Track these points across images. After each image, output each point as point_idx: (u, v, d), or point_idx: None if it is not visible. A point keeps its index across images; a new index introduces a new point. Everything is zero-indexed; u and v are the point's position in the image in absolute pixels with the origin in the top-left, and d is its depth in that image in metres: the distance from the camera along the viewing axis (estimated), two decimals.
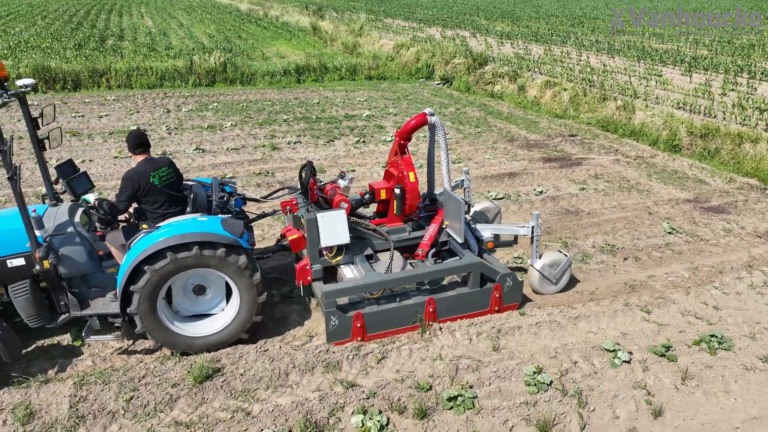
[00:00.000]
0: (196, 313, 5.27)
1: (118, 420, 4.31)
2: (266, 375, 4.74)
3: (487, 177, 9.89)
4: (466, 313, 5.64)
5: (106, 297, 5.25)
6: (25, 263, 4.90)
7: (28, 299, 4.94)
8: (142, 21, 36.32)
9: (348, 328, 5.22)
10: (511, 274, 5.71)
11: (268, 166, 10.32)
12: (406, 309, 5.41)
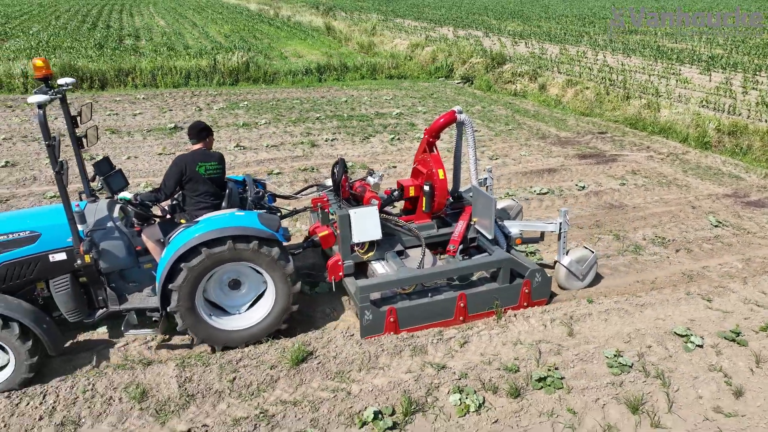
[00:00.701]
0: (231, 307, 5.33)
1: (225, 399, 4.53)
2: (357, 358, 4.96)
3: (527, 173, 10.12)
4: (492, 309, 5.70)
5: (143, 292, 5.36)
6: (67, 258, 5.00)
7: (69, 294, 5.03)
8: (155, 21, 36.51)
9: (381, 322, 5.30)
10: (540, 270, 5.79)
11: (311, 163, 10.54)
12: (438, 304, 5.51)
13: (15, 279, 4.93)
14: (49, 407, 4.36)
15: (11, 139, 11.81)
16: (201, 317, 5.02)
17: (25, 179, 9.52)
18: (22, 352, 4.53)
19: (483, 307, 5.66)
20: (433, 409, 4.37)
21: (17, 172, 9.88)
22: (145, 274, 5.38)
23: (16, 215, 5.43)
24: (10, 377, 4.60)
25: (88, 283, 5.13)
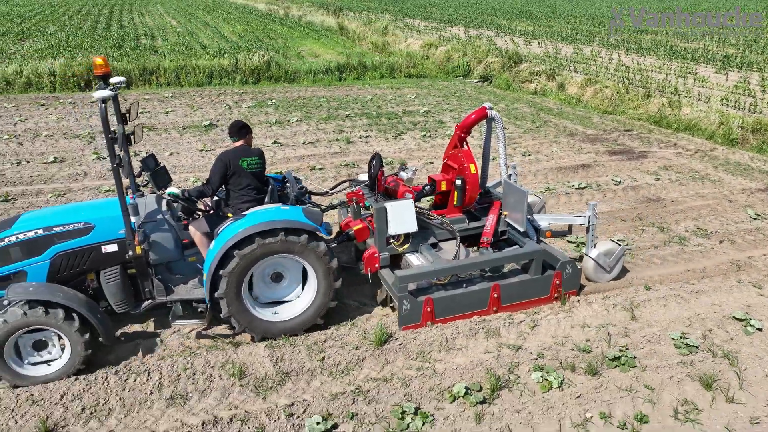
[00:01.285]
0: (273, 299, 5.48)
1: (318, 376, 4.79)
2: (435, 340, 5.22)
3: (562, 168, 10.38)
4: (527, 299, 5.84)
5: (188, 284, 5.50)
6: (118, 249, 5.16)
7: (118, 285, 5.18)
8: (166, 21, 36.76)
9: (418, 312, 5.43)
10: (570, 262, 5.91)
11: (350, 159, 10.80)
12: (472, 294, 5.63)
13: (69, 269, 5.09)
14: (156, 383, 4.63)
15: (53, 136, 12.07)
16: (245, 306, 5.17)
17: (76, 174, 9.78)
18: (78, 341, 4.67)
19: (516, 298, 5.79)
20: (517, 386, 4.63)
21: (67, 167, 10.14)
22: (190, 267, 5.55)
23: (70, 208, 5.64)
24: (67, 364, 4.74)
25: (136, 274, 5.28)
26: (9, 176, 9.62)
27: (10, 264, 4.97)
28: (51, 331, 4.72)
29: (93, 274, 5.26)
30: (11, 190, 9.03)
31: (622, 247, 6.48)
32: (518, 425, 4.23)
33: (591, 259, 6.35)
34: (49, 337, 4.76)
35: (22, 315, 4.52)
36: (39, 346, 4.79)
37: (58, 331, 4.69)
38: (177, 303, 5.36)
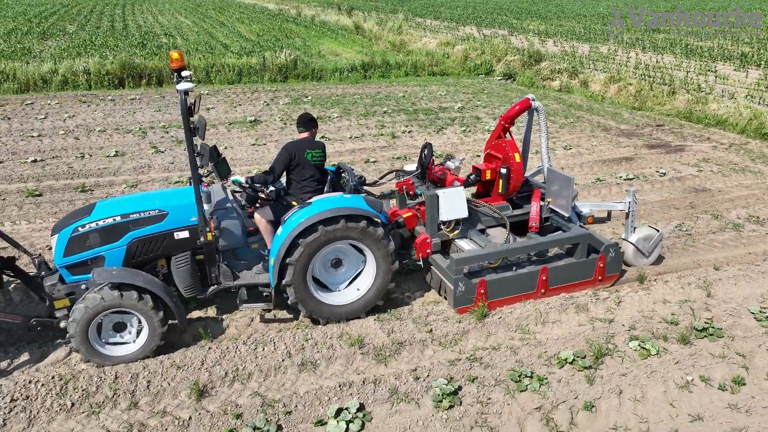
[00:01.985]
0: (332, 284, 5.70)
1: (429, 346, 5.18)
2: (531, 315, 5.61)
3: (606, 161, 10.78)
4: (573, 282, 6.09)
5: (252, 270, 5.68)
6: (189, 236, 5.33)
7: (188, 270, 5.37)
8: (180, 20, 37.07)
9: (472, 294, 5.65)
10: (614, 245, 6.12)
11: (398, 152, 11.18)
12: (522, 277, 5.88)
13: (143, 255, 5.28)
14: (284, 352, 5.01)
15: (105, 131, 12.43)
16: (310, 291, 5.40)
17: (141, 167, 10.14)
18: (156, 322, 4.88)
19: (562, 281, 6.03)
20: (618, 353, 5.02)
21: (129, 160, 10.51)
22: (253, 254, 5.74)
23: (144, 196, 5.90)
24: (144, 345, 4.95)
25: (204, 260, 5.45)
26: (78, 169, 9.98)
27: (89, 249, 5.15)
28: (131, 314, 4.91)
29: (163, 260, 5.45)
30: (84, 181, 9.39)
31: (660, 233, 6.71)
32: (627, 387, 4.62)
33: (631, 243, 6.62)
34: (128, 320, 4.97)
35: (110, 297, 4.71)
36: (118, 328, 4.99)
37: (139, 314, 4.88)
38: (242, 288, 5.54)
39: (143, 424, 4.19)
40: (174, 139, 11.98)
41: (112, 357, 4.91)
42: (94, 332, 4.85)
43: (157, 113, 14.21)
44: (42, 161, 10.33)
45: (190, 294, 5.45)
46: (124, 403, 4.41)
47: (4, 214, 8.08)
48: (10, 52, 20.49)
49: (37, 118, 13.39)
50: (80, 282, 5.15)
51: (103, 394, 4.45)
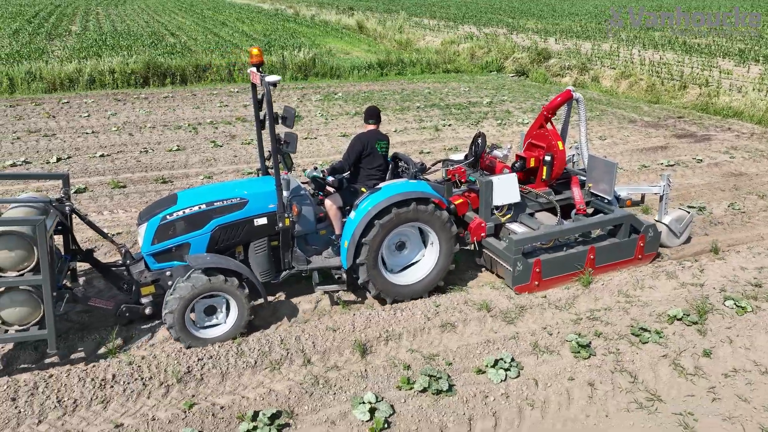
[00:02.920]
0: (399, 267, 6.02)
1: (547, 309, 5.75)
2: (628, 281, 6.23)
3: (642, 150, 11.50)
4: (616, 261, 6.47)
5: (322, 254, 5.93)
6: (267, 222, 5.54)
7: (265, 255, 5.60)
8: (180, 20, 37.14)
9: (528, 273, 6.00)
10: (652, 226, 6.53)
11: (446, 143, 11.75)
12: (573, 256, 6.25)
13: (225, 241, 5.48)
14: (422, 316, 5.54)
15: (155, 127, 12.78)
16: (380, 271, 5.69)
17: (207, 160, 10.55)
18: (245, 305, 5.13)
19: (606, 260, 6.43)
20: (717, 311, 5.65)
21: (192, 154, 10.90)
22: (321, 239, 6.04)
23: (225, 185, 6.14)
24: (234, 325, 5.19)
25: (280, 246, 5.67)
26: (146, 162, 10.35)
27: (176, 237, 5.35)
28: (220, 296, 5.13)
29: (240, 246, 5.66)
30: (159, 173, 9.78)
31: (691, 214, 7.15)
32: (735, 337, 5.26)
33: (664, 225, 6.99)
34: (217, 303, 5.18)
35: (200, 283, 4.94)
36: (208, 311, 5.21)
37: (230, 297, 5.12)
38: (315, 272, 5.80)
39: (323, 377, 4.70)
40: (226, 134, 12.38)
41: (208, 339, 5.11)
42: (189, 318, 5.07)
43: (197, 110, 14.56)
44: (108, 156, 10.68)
45: (265, 279, 5.62)
46: (299, 360, 4.91)
47: (99, 204, 8.45)
48: (26, 53, 20.58)
49: (82, 116, 13.66)
50: (164, 269, 5.39)
51: (278, 353, 4.95)
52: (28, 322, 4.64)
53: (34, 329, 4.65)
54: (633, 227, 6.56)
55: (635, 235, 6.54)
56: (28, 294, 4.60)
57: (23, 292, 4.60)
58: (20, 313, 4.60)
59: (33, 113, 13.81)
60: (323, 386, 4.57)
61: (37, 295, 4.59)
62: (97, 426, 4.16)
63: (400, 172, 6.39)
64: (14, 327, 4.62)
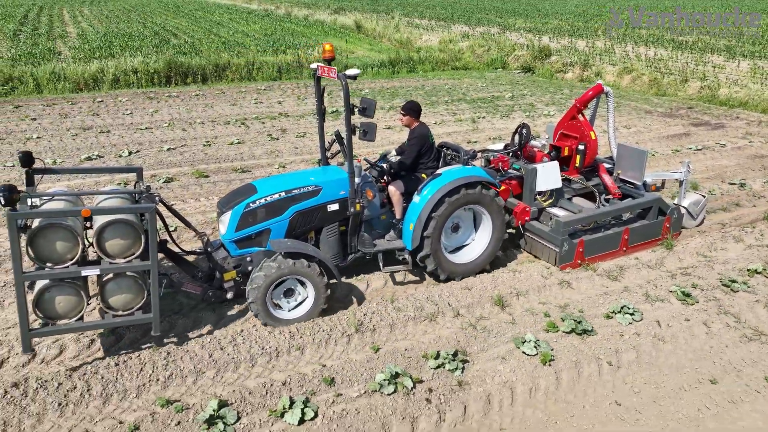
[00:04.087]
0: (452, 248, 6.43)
1: (642, 269, 6.58)
2: (701, 244, 7.11)
3: (667, 137, 12.51)
4: (644, 241, 7.05)
5: (384, 237, 6.29)
6: (339, 208, 5.86)
7: (336, 240, 5.93)
8: (173, 21, 37.18)
9: (572, 252, 6.49)
10: (677, 208, 7.18)
11: (486, 134, 12.55)
12: (610, 237, 6.80)
13: (302, 226, 5.77)
14: (539, 275, 6.30)
15: (204, 123, 13.26)
16: (441, 249, 6.12)
17: (272, 152, 11.12)
18: (322, 288, 5.39)
19: (637, 240, 7.00)
20: None
21: (255, 147, 11.45)
22: (383, 224, 6.39)
23: (299, 174, 6.39)
24: (312, 308, 5.45)
25: (348, 230, 6.00)
26: (214, 155, 10.88)
27: (258, 223, 5.60)
28: (298, 280, 5.39)
29: (312, 232, 5.97)
30: (232, 164, 10.32)
31: (706, 197, 7.84)
32: None
33: (683, 207, 7.59)
34: (295, 285, 5.44)
35: (285, 265, 5.20)
36: (287, 294, 5.47)
37: (308, 279, 5.35)
38: (379, 254, 6.11)
39: (479, 324, 5.42)
40: (276, 128, 12.95)
41: (286, 320, 5.38)
42: (270, 298, 5.32)
43: (233, 107, 15.06)
44: (175, 149, 11.16)
45: (335, 262, 5.87)
46: (450, 313, 5.61)
47: (189, 192, 8.96)
48: (38, 54, 20.68)
49: (124, 113, 14.04)
50: (245, 255, 5.67)
51: (430, 309, 5.64)
52: (132, 306, 4.82)
53: (138, 313, 4.85)
54: (660, 209, 7.15)
55: (662, 216, 7.14)
56: (133, 280, 4.78)
57: (129, 278, 4.77)
58: (126, 298, 4.79)
59: (75, 111, 14.13)
60: (482, 331, 5.30)
61: (141, 280, 4.79)
62: (306, 366, 4.80)
63: (449, 160, 6.77)
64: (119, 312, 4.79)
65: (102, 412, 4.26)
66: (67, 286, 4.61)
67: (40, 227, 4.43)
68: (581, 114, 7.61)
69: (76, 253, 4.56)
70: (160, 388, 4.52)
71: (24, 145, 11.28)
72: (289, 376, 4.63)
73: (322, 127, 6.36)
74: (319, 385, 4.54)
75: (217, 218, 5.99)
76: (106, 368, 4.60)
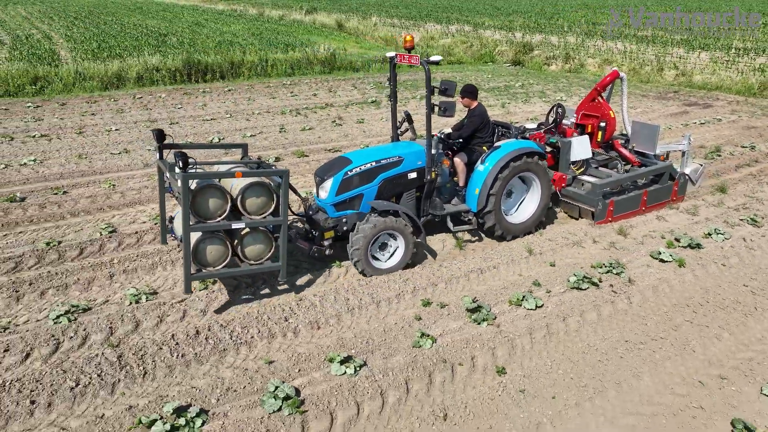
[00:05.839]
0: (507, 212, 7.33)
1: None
2: (743, 189, 9.00)
3: (671, 114, 14.63)
4: (657, 202, 8.18)
5: (450, 202, 7.14)
6: (417, 176, 6.67)
7: (412, 204, 6.75)
8: (148, 22, 37.12)
9: (605, 211, 7.62)
10: (683, 174, 8.33)
11: (519, 116, 14.26)
12: (633, 198, 7.99)
13: (387, 192, 6.58)
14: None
15: (261, 113, 14.30)
16: (501, 208, 7.01)
17: (345, 135, 12.37)
18: (411, 241, 6.33)
19: (652, 201, 8.20)
20: None
21: (324, 132, 12.67)
22: (448, 190, 7.28)
23: (383, 147, 7.16)
24: (402, 258, 6.39)
25: (422, 195, 6.82)
26: (294, 139, 12.02)
27: (354, 189, 6.39)
28: (392, 235, 6.29)
29: (394, 197, 6.71)
30: (323, 146, 11.52)
31: (703, 166, 9.02)
32: None
33: (686, 175, 8.62)
34: (388, 240, 6.35)
35: (382, 221, 6.08)
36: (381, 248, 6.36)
37: (400, 234, 6.28)
38: (447, 216, 7.00)
39: (616, 246, 7.03)
40: (331, 116, 14.17)
41: (381, 269, 6.28)
42: (370, 250, 6.19)
43: (274, 100, 16.13)
44: (255, 136, 12.22)
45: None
46: (589, 241, 7.20)
47: (298, 169, 10.08)
48: (48, 56, 20.87)
49: (175, 107, 14.87)
50: (341, 217, 6.43)
51: (574, 239, 7.21)
52: (262, 257, 5.64)
53: (267, 263, 5.66)
54: (670, 175, 8.40)
55: (671, 181, 8.39)
56: (264, 234, 5.59)
57: (262, 232, 5.55)
58: (259, 249, 5.60)
59: (127, 107, 14.84)
60: (621, 250, 6.94)
61: (270, 234, 5.62)
62: (513, 276, 6.27)
63: (500, 135, 7.82)
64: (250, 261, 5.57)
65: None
66: (216, 238, 5.42)
67: (199, 187, 5.24)
68: (600, 96, 8.90)
69: (225, 210, 5.38)
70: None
71: (106, 137, 12.03)
72: (510, 281, 6.13)
73: (394, 108, 7.24)
74: (530, 287, 6.03)
75: (316, 185, 6.66)
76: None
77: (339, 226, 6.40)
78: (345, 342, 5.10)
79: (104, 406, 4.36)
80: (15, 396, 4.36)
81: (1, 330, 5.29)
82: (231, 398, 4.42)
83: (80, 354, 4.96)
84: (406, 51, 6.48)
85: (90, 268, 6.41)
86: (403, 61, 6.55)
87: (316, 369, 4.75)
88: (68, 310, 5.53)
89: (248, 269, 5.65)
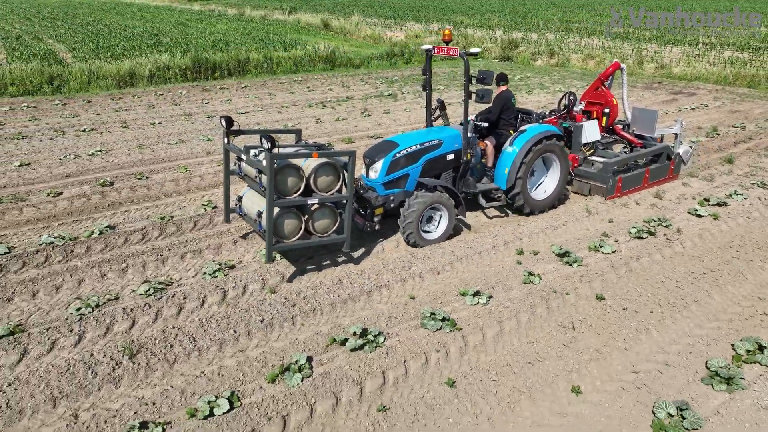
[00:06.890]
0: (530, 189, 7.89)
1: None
2: (746, 160, 10.43)
3: (664, 101, 16.13)
4: (657, 180, 9.06)
5: (481, 181, 7.78)
6: (454, 157, 7.30)
7: (450, 182, 7.35)
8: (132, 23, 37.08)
9: (614, 187, 8.45)
10: (679, 155, 9.23)
11: (530, 105, 15.50)
12: (637, 175, 8.79)
13: (429, 171, 7.19)
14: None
15: (289, 107, 15.11)
16: (527, 186, 7.69)
17: (379, 123, 13.33)
18: (453, 214, 6.97)
19: (652, 179, 9.06)
20: None
21: (360, 122, 13.60)
22: (477, 170, 7.86)
23: (425, 131, 7.66)
24: (445, 230, 7.03)
25: (456, 176, 7.45)
26: (332, 129, 12.91)
27: (402, 169, 6.98)
28: (437, 209, 6.93)
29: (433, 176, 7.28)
30: (365, 133, 12.45)
31: (694, 147, 10.31)
32: None
33: (679, 155, 9.46)
34: (434, 214, 7.01)
35: (429, 196, 6.74)
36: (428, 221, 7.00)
37: (444, 207, 6.90)
38: (479, 193, 7.61)
39: (657, 206, 8.25)
40: (357, 108, 15.10)
41: (429, 240, 6.94)
42: (420, 223, 6.84)
43: (293, 95, 16.94)
44: (295, 126, 13.06)
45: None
46: (633, 204, 8.41)
47: None
48: (50, 56, 21.07)
49: (204, 102, 15.55)
50: (389, 195, 6.94)
51: (622, 201, 8.40)
52: (328, 230, 6.26)
53: (333, 235, 6.29)
54: (667, 155, 9.28)
55: (668, 161, 9.25)
56: (331, 209, 6.20)
57: (329, 207, 6.14)
58: (325, 223, 6.21)
59: (156, 103, 15.42)
60: (662, 209, 8.16)
61: (336, 209, 6.23)
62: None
63: (522, 120, 8.27)
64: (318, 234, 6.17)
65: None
66: (292, 213, 5.98)
67: (280, 167, 5.70)
68: (603, 85, 9.95)
69: (300, 187, 5.91)
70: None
71: (153, 129, 12.67)
72: (581, 234, 7.28)
73: (429, 96, 7.83)
74: (600, 237, 7.21)
75: (366, 167, 7.18)
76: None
77: (387, 204, 6.89)
78: (467, 282, 6.14)
79: (293, 334, 5.27)
80: (216, 329, 5.23)
81: (167, 285, 6.10)
82: (395, 323, 5.39)
83: (246, 300, 5.83)
84: (444, 44, 7.11)
85: (213, 237, 7.24)
86: (441, 53, 7.09)
87: (453, 301, 5.76)
88: (219, 268, 6.38)
89: (318, 240, 6.23)
